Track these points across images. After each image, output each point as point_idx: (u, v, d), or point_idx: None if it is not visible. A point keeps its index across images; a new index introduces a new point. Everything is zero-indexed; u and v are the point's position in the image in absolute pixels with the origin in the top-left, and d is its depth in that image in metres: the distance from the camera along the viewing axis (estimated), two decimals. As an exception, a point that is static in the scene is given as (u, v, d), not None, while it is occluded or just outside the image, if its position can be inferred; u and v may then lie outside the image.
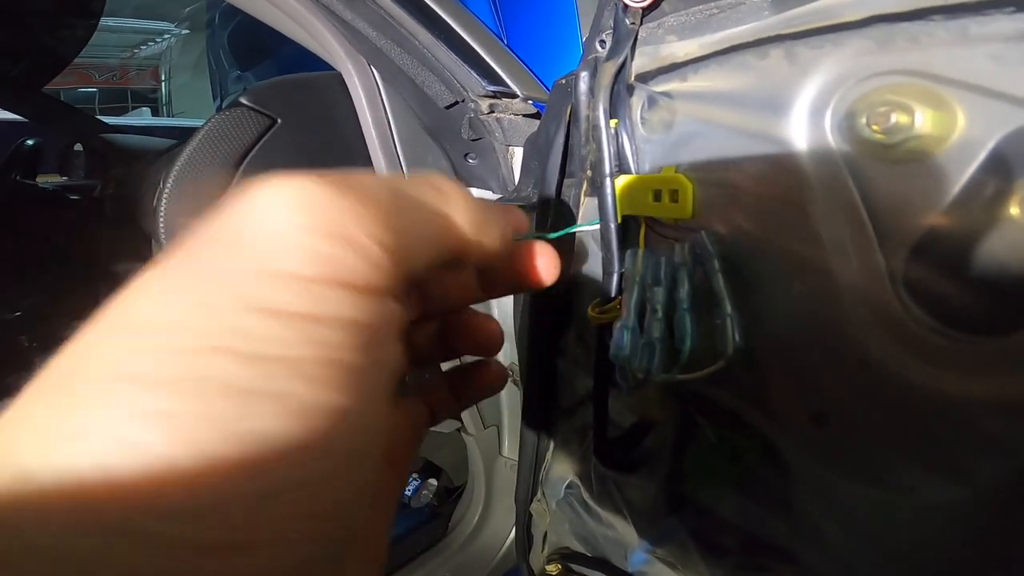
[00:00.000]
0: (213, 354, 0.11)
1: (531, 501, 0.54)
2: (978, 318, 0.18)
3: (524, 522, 0.55)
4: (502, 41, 0.55)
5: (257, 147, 0.54)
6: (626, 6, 0.28)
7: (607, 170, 0.29)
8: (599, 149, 0.29)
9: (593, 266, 0.36)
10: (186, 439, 0.10)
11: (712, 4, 0.25)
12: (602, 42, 0.31)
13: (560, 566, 0.53)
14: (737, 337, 0.24)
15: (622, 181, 0.29)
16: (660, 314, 0.26)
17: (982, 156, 0.18)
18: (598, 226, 0.30)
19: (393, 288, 0.13)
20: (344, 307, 0.12)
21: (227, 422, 0.10)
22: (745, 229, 0.25)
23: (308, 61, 0.60)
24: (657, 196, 0.28)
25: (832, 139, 0.21)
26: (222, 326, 0.11)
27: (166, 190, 0.54)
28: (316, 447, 0.11)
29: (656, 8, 0.28)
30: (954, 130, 0.18)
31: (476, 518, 0.77)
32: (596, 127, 0.29)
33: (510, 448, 0.72)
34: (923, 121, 0.19)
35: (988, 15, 0.17)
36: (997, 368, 0.18)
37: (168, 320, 0.11)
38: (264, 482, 0.11)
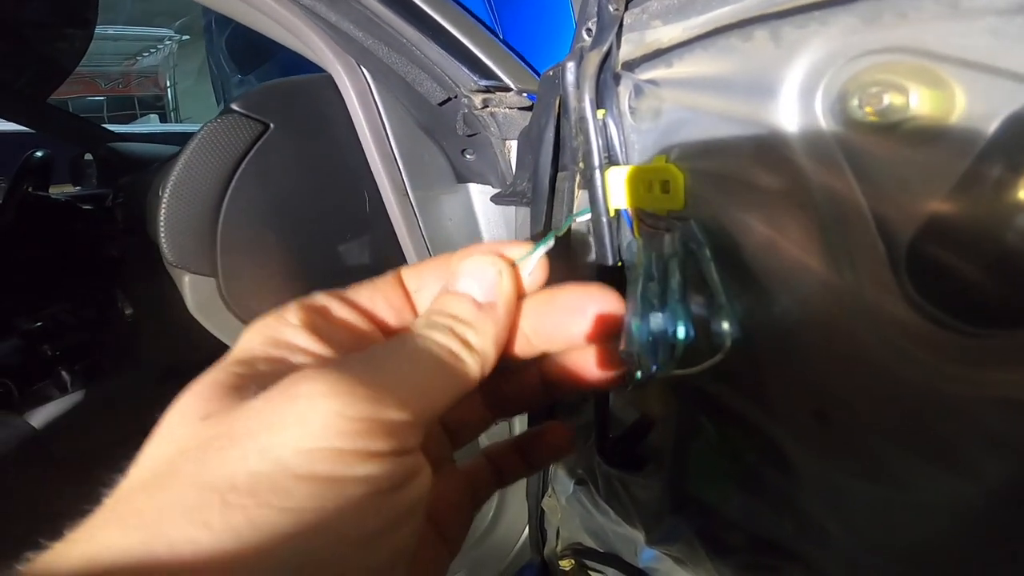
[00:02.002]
0: (262, 508, 0.14)
1: (543, 497, 0.54)
2: (984, 310, 0.17)
3: (537, 518, 0.55)
4: (496, 34, 0.53)
5: (251, 153, 0.54)
6: (609, -8, 0.27)
7: (596, 162, 0.28)
8: (587, 141, 0.29)
9: (589, 259, 0.36)
10: (230, 564, 0.14)
11: (696, -15, 0.24)
12: (588, 30, 0.30)
13: (573, 561, 0.53)
14: (733, 330, 0.23)
15: (613, 173, 0.28)
16: (656, 308, 0.25)
17: (985, 138, 0.17)
18: (589, 215, 0.29)
19: (413, 446, 0.17)
20: (367, 469, 0.15)
21: (267, 554, 0.14)
22: (738, 218, 0.24)
23: (309, 63, 0.59)
24: (648, 187, 0.27)
25: (824, 123, 0.20)
26: (270, 488, 0.14)
27: (164, 200, 0.55)
28: (341, 571, 0.15)
29: (640, -8, 0.27)
30: (953, 110, 0.17)
31: (491, 514, 0.77)
32: (583, 119, 0.28)
33: (521, 443, 0.72)
34: (919, 101, 0.18)
35: (983, -15, 0.16)
36: (1004, 362, 0.17)
37: (229, 482, 0.14)
38: None
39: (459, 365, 0.19)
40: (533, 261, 0.22)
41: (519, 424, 0.72)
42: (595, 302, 0.22)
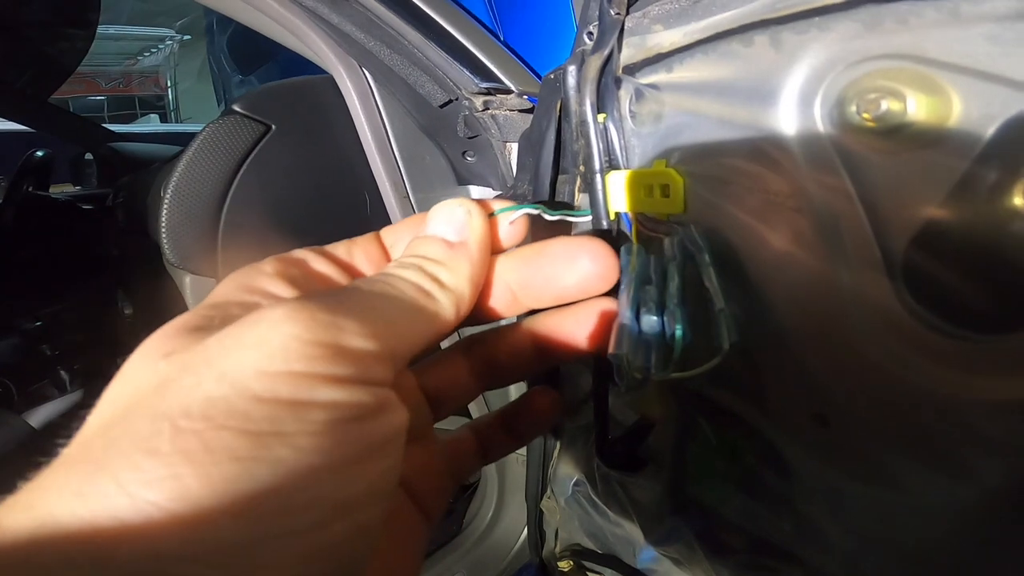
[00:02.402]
0: (218, 431, 0.13)
1: (541, 498, 0.54)
2: (981, 315, 0.18)
3: (535, 519, 0.56)
4: (498, 36, 0.54)
5: (253, 154, 0.54)
6: (610, -4, 0.27)
7: (597, 166, 0.28)
8: (588, 145, 0.29)
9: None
10: (188, 497, 0.13)
11: (697, -10, 0.24)
12: (589, 34, 0.30)
13: (572, 563, 0.53)
14: (731, 334, 0.23)
15: (613, 177, 0.28)
16: (654, 312, 0.25)
17: (981, 143, 0.17)
18: (589, 215, 0.29)
19: (380, 378, 0.16)
20: (329, 393, 0.15)
21: (225, 483, 0.13)
22: (737, 223, 0.24)
23: (309, 64, 0.59)
24: (648, 191, 0.27)
25: (823, 128, 0.20)
26: (227, 411, 0.14)
27: (165, 200, 0.55)
28: (302, 501, 0.14)
29: (641, -4, 0.27)
30: (950, 116, 0.17)
31: (490, 514, 0.77)
32: (584, 122, 0.29)
33: (520, 444, 0.72)
34: (916, 107, 0.18)
35: (982, -8, 0.16)
36: (1002, 367, 0.17)
37: (183, 407, 0.14)
38: (256, 530, 0.13)
39: (430, 303, 0.19)
40: (511, 217, 0.22)
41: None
42: (587, 252, 0.22)
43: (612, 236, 0.29)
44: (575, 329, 0.23)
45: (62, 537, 0.12)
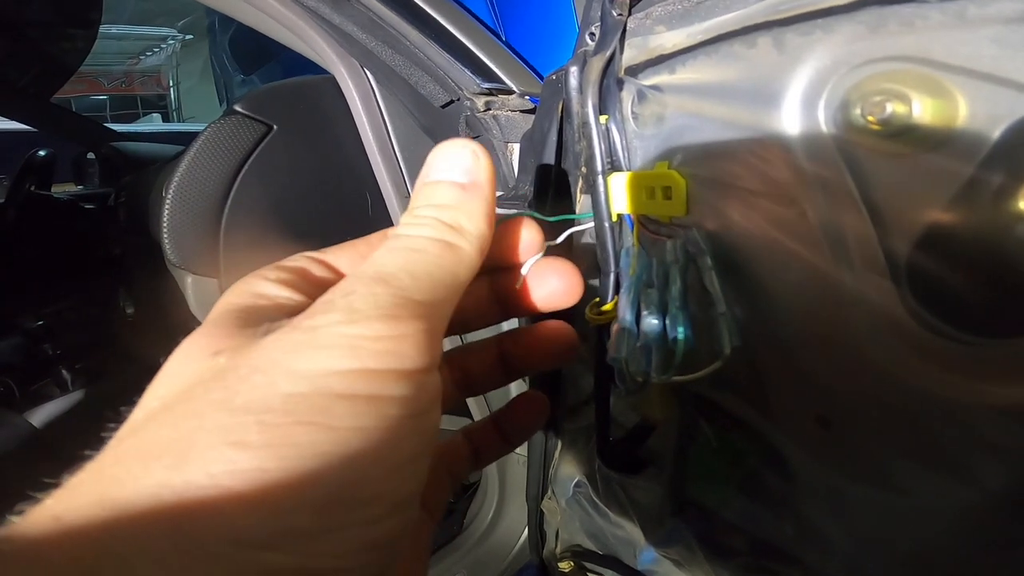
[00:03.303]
0: (300, 427, 0.14)
1: (542, 499, 0.54)
2: (984, 319, 0.17)
3: (536, 519, 0.55)
4: (499, 37, 0.54)
5: (255, 154, 0.54)
6: (612, -4, 0.27)
7: (599, 168, 0.28)
8: (590, 146, 0.29)
9: (591, 264, 0.36)
10: (272, 488, 0.13)
11: (699, -9, 0.24)
12: (592, 35, 0.30)
13: (572, 563, 0.53)
14: (733, 337, 0.23)
15: (615, 179, 0.28)
16: (655, 315, 0.25)
17: (987, 147, 0.17)
18: (591, 220, 0.29)
19: (435, 363, 0.17)
20: (400, 388, 0.15)
21: (307, 475, 0.14)
22: (740, 226, 0.24)
23: (311, 63, 0.59)
24: (650, 193, 0.27)
25: (826, 131, 0.20)
26: (308, 408, 0.14)
27: (167, 200, 0.55)
28: (368, 495, 0.15)
29: (643, -3, 0.27)
30: (955, 119, 0.17)
31: (490, 514, 0.77)
32: (586, 124, 0.28)
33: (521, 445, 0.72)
34: (921, 110, 0.18)
35: (987, -5, 0.16)
36: (1005, 371, 0.17)
37: (264, 403, 0.14)
38: (327, 521, 0.14)
39: (455, 256, 0.18)
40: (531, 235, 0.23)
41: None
42: (555, 271, 0.23)
43: (615, 236, 0.29)
44: (534, 347, 0.24)
45: (141, 516, 0.13)
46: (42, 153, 1.26)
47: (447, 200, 0.19)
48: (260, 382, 0.14)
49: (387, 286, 0.16)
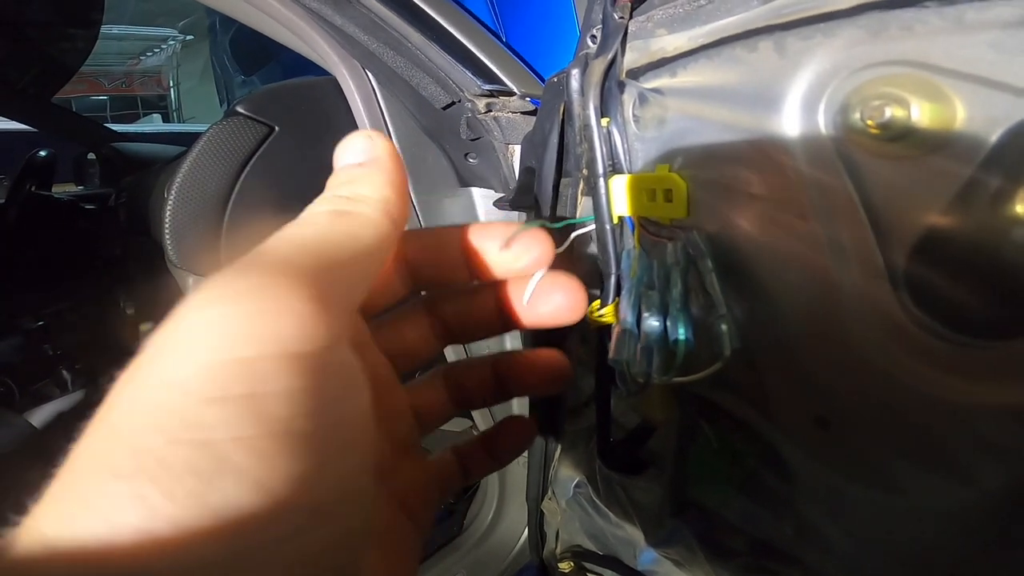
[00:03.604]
0: (173, 446, 0.12)
1: (542, 500, 0.54)
2: (982, 321, 0.18)
3: (536, 520, 0.56)
4: (500, 38, 0.54)
5: (256, 155, 0.54)
6: (614, 0, 0.28)
7: (600, 170, 0.28)
8: (591, 149, 0.29)
9: (593, 266, 0.36)
10: (160, 517, 0.12)
11: (701, -5, 0.24)
12: (593, 37, 0.30)
13: (572, 563, 0.53)
14: (733, 339, 0.23)
15: (617, 181, 0.28)
16: (656, 316, 0.25)
17: (984, 150, 0.17)
18: (592, 223, 0.29)
19: (336, 337, 0.14)
20: (284, 377, 0.13)
21: (192, 499, 0.12)
22: (740, 228, 0.24)
23: (312, 64, 0.59)
24: (651, 196, 0.27)
25: (826, 135, 0.20)
26: (178, 422, 0.12)
27: (169, 201, 0.55)
28: (275, 509, 0.13)
29: (645, 1, 0.27)
30: (953, 123, 0.17)
31: (490, 515, 0.77)
32: (588, 126, 0.29)
33: (522, 445, 0.72)
34: (920, 114, 0.18)
35: (986, 1, 0.16)
36: (1002, 373, 0.17)
37: (133, 424, 0.13)
38: (236, 544, 0.12)
39: (349, 220, 0.17)
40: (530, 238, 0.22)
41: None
42: (560, 288, 0.22)
43: (616, 238, 0.29)
44: (527, 374, 0.24)
45: (54, 559, 0.12)
46: (43, 153, 1.26)
47: (343, 179, 0.19)
48: (130, 396, 0.13)
49: (261, 258, 0.15)
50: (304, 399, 0.13)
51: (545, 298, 0.23)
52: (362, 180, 0.18)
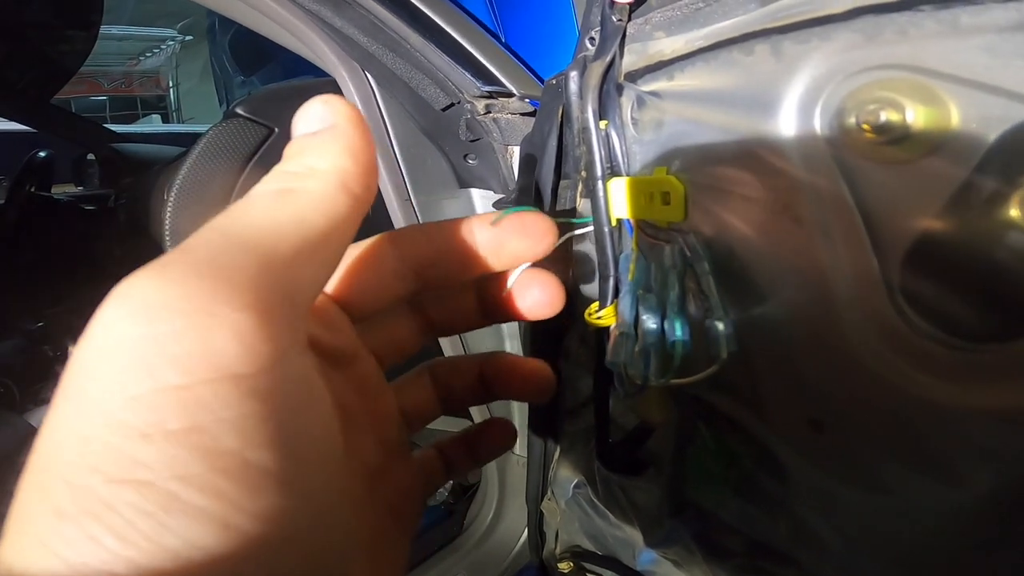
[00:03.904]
0: (112, 486, 0.11)
1: (542, 500, 0.54)
2: (976, 325, 0.18)
3: (536, 520, 0.56)
4: (499, 40, 0.54)
5: (256, 157, 0.54)
6: (612, 2, 0.28)
7: (599, 172, 0.29)
8: (590, 151, 0.29)
9: (592, 268, 0.36)
10: (119, 559, 0.11)
11: (698, -2, 0.24)
12: (591, 40, 0.30)
13: (572, 564, 0.53)
14: (729, 341, 0.24)
15: (615, 183, 0.28)
16: (654, 319, 0.25)
17: (979, 154, 0.17)
18: (590, 224, 0.29)
19: (283, 350, 0.13)
20: (228, 404, 0.11)
21: (149, 541, 0.11)
22: (737, 231, 0.24)
23: (311, 65, 0.59)
24: (649, 198, 0.27)
25: (822, 138, 0.20)
26: (112, 461, 0.11)
27: (170, 202, 0.55)
28: (250, 545, 0.11)
29: (643, 3, 0.27)
30: (948, 127, 0.18)
31: (490, 515, 0.77)
32: (586, 129, 0.29)
33: (521, 446, 0.72)
34: (915, 118, 0.18)
35: (980, 5, 0.16)
36: (996, 377, 0.17)
37: (66, 459, 0.11)
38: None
39: (293, 199, 0.14)
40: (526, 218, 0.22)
41: (519, 430, 0.72)
42: (537, 283, 0.23)
43: (614, 240, 0.29)
44: (511, 380, 0.24)
45: None
46: (42, 154, 1.26)
47: (294, 151, 0.16)
48: (56, 425, 0.11)
49: (187, 257, 0.12)
50: (256, 425, 0.12)
51: (523, 292, 0.23)
52: (312, 150, 0.15)
